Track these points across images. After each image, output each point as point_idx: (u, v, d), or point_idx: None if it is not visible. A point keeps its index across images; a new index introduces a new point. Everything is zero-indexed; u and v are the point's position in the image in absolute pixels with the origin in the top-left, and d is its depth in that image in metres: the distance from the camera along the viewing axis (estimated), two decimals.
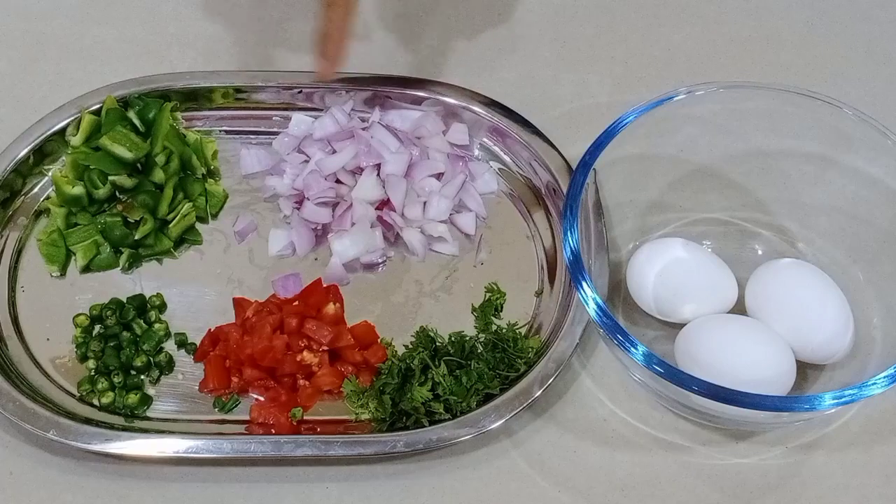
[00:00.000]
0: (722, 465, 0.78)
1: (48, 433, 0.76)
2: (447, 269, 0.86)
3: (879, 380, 0.70)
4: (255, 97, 0.91)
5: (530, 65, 0.97)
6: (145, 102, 0.89)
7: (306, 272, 0.85)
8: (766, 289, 0.79)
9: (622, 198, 0.84)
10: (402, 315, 0.84)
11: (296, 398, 0.80)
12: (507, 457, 0.78)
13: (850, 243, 0.83)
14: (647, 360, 0.71)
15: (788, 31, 1.00)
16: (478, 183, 0.89)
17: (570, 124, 0.92)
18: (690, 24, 1.00)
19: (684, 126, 0.83)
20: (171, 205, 0.86)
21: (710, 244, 0.85)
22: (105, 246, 0.85)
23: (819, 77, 0.96)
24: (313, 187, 0.87)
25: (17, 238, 0.87)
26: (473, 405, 0.77)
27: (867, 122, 0.79)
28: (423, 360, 0.78)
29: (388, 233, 0.87)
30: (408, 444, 0.76)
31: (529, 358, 0.79)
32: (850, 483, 0.77)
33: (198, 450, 0.76)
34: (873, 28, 1.00)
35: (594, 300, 0.73)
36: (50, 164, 0.89)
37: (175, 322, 0.84)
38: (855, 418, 0.79)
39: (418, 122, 0.90)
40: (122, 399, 0.79)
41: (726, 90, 0.82)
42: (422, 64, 0.96)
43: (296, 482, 0.77)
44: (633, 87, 0.95)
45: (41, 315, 0.84)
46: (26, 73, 0.96)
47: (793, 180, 0.85)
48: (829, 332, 0.77)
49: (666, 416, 0.79)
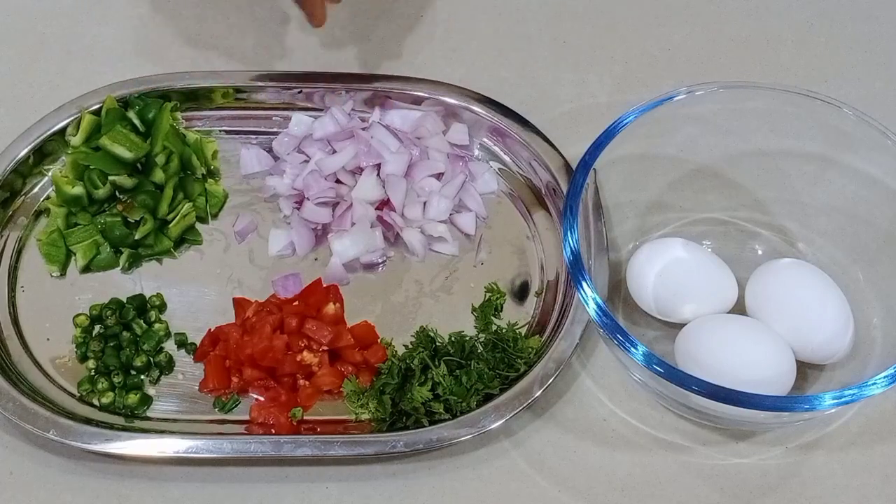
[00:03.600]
0: (722, 465, 0.78)
1: (48, 433, 0.76)
2: (447, 269, 0.86)
3: (879, 380, 0.70)
4: (255, 97, 0.91)
5: (530, 65, 0.97)
6: (145, 102, 0.89)
7: (306, 272, 0.85)
8: (766, 289, 0.79)
9: (622, 198, 0.84)
10: (402, 315, 0.84)
11: (296, 398, 0.80)
12: (507, 457, 0.78)
13: (850, 243, 0.83)
14: (647, 360, 0.71)
15: (788, 31, 0.99)
16: (478, 183, 0.89)
17: (570, 124, 0.92)
18: (690, 24, 1.00)
19: (684, 126, 0.83)
20: (171, 205, 0.86)
21: (710, 244, 0.85)
22: (105, 246, 0.85)
23: (819, 77, 0.96)
24: (313, 187, 0.87)
25: (17, 238, 0.86)
26: (473, 405, 0.77)
27: (867, 122, 0.79)
28: (423, 360, 0.78)
29: (388, 233, 0.87)
30: (408, 444, 0.76)
31: (529, 358, 0.79)
32: (850, 483, 0.77)
33: (198, 450, 0.76)
34: (873, 28, 1.00)
35: (594, 300, 0.73)
36: (50, 164, 0.89)
37: (175, 322, 0.84)
38: (855, 418, 0.79)
39: (418, 122, 0.90)
40: (122, 399, 0.79)
41: (726, 90, 0.82)
42: (421, 63, 0.96)
43: (296, 482, 0.77)
44: (633, 87, 0.95)
45: (41, 315, 0.84)
46: (26, 73, 0.96)
47: (793, 180, 0.85)
48: (829, 332, 0.77)
49: (666, 416, 0.79)
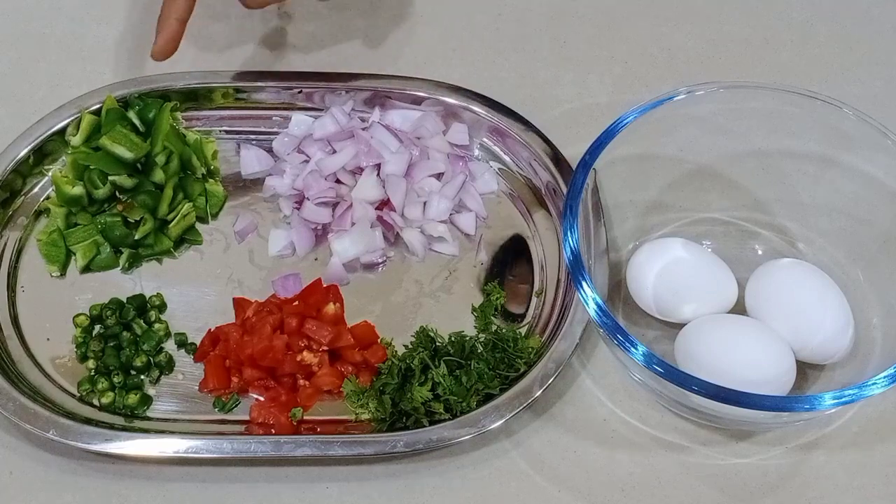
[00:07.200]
0: (722, 465, 0.78)
1: (48, 433, 0.76)
2: (447, 269, 0.86)
3: (879, 380, 0.70)
4: (255, 97, 0.91)
5: (530, 65, 0.97)
6: (145, 102, 0.89)
7: (306, 272, 0.85)
8: (766, 289, 0.79)
9: (622, 198, 0.84)
10: (402, 315, 0.84)
11: (296, 398, 0.80)
12: (507, 457, 0.78)
13: (850, 243, 0.83)
14: (647, 360, 0.71)
15: (788, 31, 0.99)
16: (478, 183, 0.89)
17: (570, 124, 0.92)
18: (690, 24, 1.00)
19: (684, 126, 0.83)
20: (171, 205, 0.86)
21: (710, 244, 0.85)
22: (105, 246, 0.85)
23: (819, 77, 0.95)
24: (313, 187, 0.87)
25: (17, 238, 0.86)
26: (473, 405, 0.77)
27: (867, 122, 0.79)
28: (423, 360, 0.78)
29: (388, 233, 0.87)
30: (408, 444, 0.76)
31: (529, 358, 0.79)
32: (851, 483, 0.77)
33: (198, 450, 0.76)
34: (873, 28, 1.00)
35: (594, 300, 0.73)
36: (50, 164, 0.89)
37: (175, 322, 0.84)
38: (855, 418, 0.79)
39: (418, 122, 0.90)
40: (122, 399, 0.79)
41: (726, 90, 0.82)
42: (421, 63, 0.96)
43: (296, 482, 0.77)
44: (633, 87, 0.95)
45: (41, 315, 0.83)
46: (26, 73, 0.96)
47: (793, 180, 0.85)
48: (829, 332, 0.77)
49: (666, 416, 0.79)
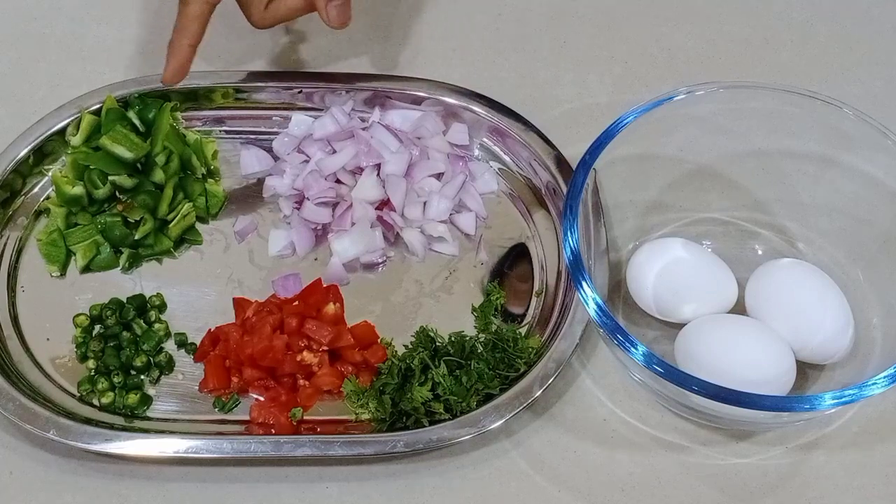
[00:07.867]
0: (722, 465, 0.78)
1: (48, 433, 0.75)
2: (447, 269, 0.86)
3: (879, 380, 0.70)
4: (255, 97, 0.91)
5: (530, 65, 0.97)
6: (145, 102, 0.89)
7: (306, 272, 0.85)
8: (766, 289, 0.79)
9: (622, 198, 0.84)
10: (402, 315, 0.84)
11: (296, 398, 0.80)
12: (507, 457, 0.78)
13: (850, 243, 0.83)
14: (647, 360, 0.71)
15: (788, 31, 0.99)
16: (478, 183, 0.89)
17: (570, 124, 0.92)
18: (690, 24, 1.00)
19: (684, 126, 0.83)
20: (171, 205, 0.86)
21: (710, 244, 0.85)
22: (105, 246, 0.85)
23: (819, 77, 0.95)
24: (313, 187, 0.87)
25: (17, 238, 0.86)
26: (473, 405, 0.77)
27: (867, 122, 0.79)
28: (423, 360, 0.78)
29: (388, 233, 0.87)
30: (408, 444, 0.76)
31: (529, 358, 0.79)
32: (851, 483, 0.77)
33: (198, 450, 0.76)
34: (873, 28, 1.00)
35: (594, 300, 0.73)
36: (50, 164, 0.89)
37: (175, 322, 0.83)
38: (855, 418, 0.79)
39: (418, 122, 0.90)
40: (122, 399, 0.79)
41: (726, 90, 0.82)
42: (421, 63, 0.96)
43: (296, 482, 0.77)
44: (633, 87, 0.95)
45: (41, 315, 0.83)
46: (26, 73, 0.96)
47: (793, 180, 0.85)
48: (829, 332, 0.77)
49: (666, 416, 0.79)
